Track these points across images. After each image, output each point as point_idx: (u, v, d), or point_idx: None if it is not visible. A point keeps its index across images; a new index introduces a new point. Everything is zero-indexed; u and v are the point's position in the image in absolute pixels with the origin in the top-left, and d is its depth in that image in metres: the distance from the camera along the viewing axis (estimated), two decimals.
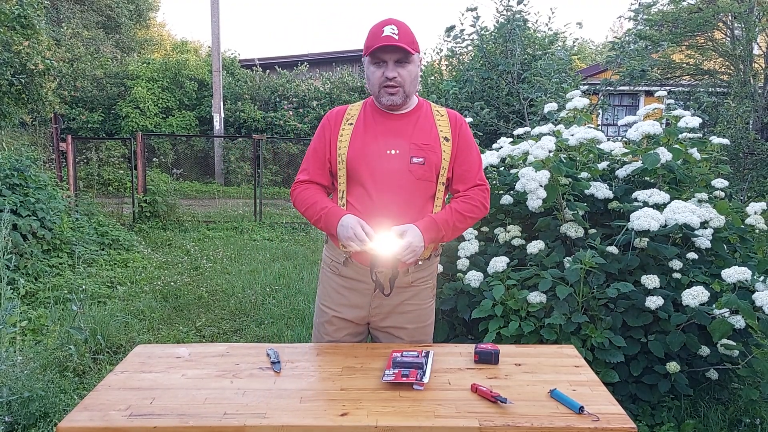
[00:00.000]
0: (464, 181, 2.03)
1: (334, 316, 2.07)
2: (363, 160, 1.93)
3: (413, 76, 1.93)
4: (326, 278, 2.12)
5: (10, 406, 2.78)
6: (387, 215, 1.91)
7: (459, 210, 1.98)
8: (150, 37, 22.87)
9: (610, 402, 1.59)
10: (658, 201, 2.81)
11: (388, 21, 1.90)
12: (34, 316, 4.28)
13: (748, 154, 7.68)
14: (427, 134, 1.97)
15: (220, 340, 4.22)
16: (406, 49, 1.86)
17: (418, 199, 1.95)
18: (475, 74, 7.66)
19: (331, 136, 2.01)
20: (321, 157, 2.03)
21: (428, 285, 2.10)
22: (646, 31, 9.17)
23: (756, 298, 2.34)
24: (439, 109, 2.08)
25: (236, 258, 6.84)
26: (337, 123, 2.02)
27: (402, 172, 1.92)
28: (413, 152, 1.94)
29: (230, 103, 14.84)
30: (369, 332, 2.15)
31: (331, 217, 1.93)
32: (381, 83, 1.91)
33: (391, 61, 1.89)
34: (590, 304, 2.72)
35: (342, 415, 1.50)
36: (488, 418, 1.48)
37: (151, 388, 1.65)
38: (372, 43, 1.88)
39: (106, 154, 11.46)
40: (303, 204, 2.02)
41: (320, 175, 2.04)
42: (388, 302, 2.03)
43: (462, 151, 2.01)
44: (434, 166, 1.95)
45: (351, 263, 2.02)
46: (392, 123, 1.98)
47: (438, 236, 1.95)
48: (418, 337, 2.09)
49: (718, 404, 2.91)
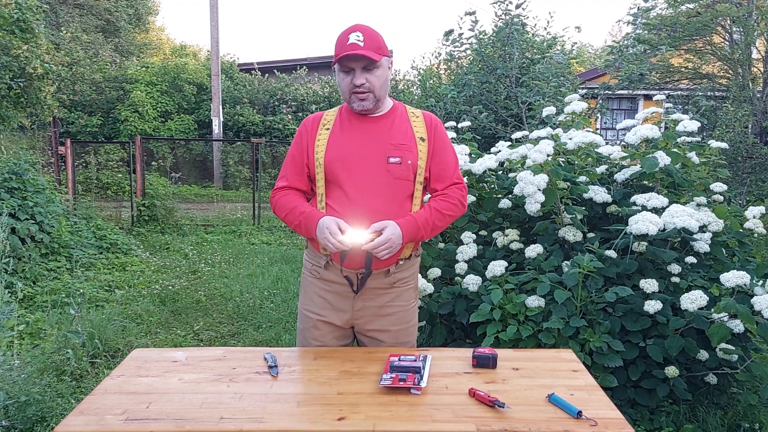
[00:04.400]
0: (442, 180, 2.05)
1: (319, 320, 2.06)
2: (340, 162, 1.95)
3: (382, 80, 1.95)
4: (308, 283, 2.11)
5: (7, 411, 2.77)
6: (366, 215, 1.91)
7: (438, 208, 2.00)
8: (149, 41, 22.89)
9: (609, 407, 1.58)
10: (657, 205, 2.81)
11: (354, 27, 1.92)
12: (31, 319, 4.27)
13: (747, 158, 7.68)
14: (403, 135, 2.00)
15: (218, 343, 4.21)
16: (371, 56, 1.88)
17: (396, 198, 1.97)
18: (473, 78, 7.67)
19: (308, 142, 2.03)
20: (299, 163, 2.04)
21: (410, 286, 2.10)
22: (645, 35, 9.19)
23: (755, 302, 2.34)
24: (414, 111, 2.11)
25: (234, 262, 6.83)
26: (314, 129, 2.04)
27: (380, 172, 1.94)
28: (390, 152, 1.96)
29: (229, 107, 14.85)
30: (354, 336, 2.14)
31: (310, 220, 1.94)
32: (350, 90, 1.95)
33: (359, 68, 1.91)
34: (588, 308, 2.71)
35: (339, 420, 1.49)
36: (486, 423, 1.48)
37: (147, 393, 1.64)
38: (338, 51, 1.91)
39: (104, 158, 11.46)
40: (283, 210, 2.03)
41: (299, 180, 2.05)
42: (370, 304, 2.03)
43: (438, 151, 2.04)
44: (411, 166, 1.97)
45: (332, 266, 2.02)
46: (368, 125, 2.01)
47: (417, 235, 1.97)
48: (402, 339, 2.09)
49: (717, 409, 2.90)
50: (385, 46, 1.95)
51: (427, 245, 3.31)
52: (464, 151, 3.53)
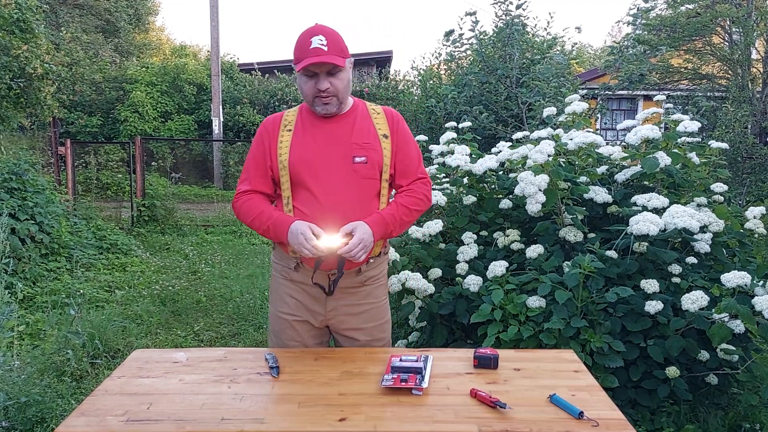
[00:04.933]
0: (406, 176, 2.06)
1: (295, 320, 2.05)
2: (305, 164, 1.94)
3: (345, 83, 1.94)
4: (279, 285, 2.09)
5: (7, 411, 2.76)
6: (335, 216, 1.91)
7: (405, 204, 2.01)
8: (149, 41, 22.90)
9: (610, 407, 1.58)
10: (657, 205, 2.81)
11: (315, 30, 1.89)
12: (31, 320, 4.27)
13: (747, 159, 7.68)
14: (366, 133, 1.99)
15: (219, 344, 4.21)
16: (336, 62, 1.86)
17: (364, 197, 1.96)
18: (473, 78, 7.66)
19: (270, 144, 2.00)
20: (261, 165, 2.01)
21: (381, 283, 2.11)
22: (645, 35, 9.19)
23: (755, 303, 2.33)
24: (374, 108, 2.09)
25: (235, 262, 6.83)
26: (275, 130, 2.02)
27: (346, 172, 1.94)
28: (355, 152, 1.95)
29: (229, 107, 14.84)
30: (331, 334, 2.14)
31: (280, 225, 1.91)
32: (314, 94, 1.92)
33: (323, 73, 1.89)
34: (589, 308, 2.71)
35: (340, 421, 1.49)
36: (487, 424, 1.48)
37: (148, 393, 1.64)
38: (301, 55, 1.87)
39: (104, 158, 11.45)
40: (248, 215, 1.99)
41: (262, 183, 2.02)
42: (342, 304, 2.03)
43: (401, 147, 2.04)
44: (377, 164, 1.97)
45: (302, 268, 2.01)
46: (330, 126, 1.99)
47: (387, 231, 1.97)
48: (377, 336, 2.09)
49: (718, 409, 2.90)
50: (346, 48, 1.93)
51: (427, 246, 3.31)
52: (465, 151, 3.53)
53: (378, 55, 17.71)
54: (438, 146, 3.77)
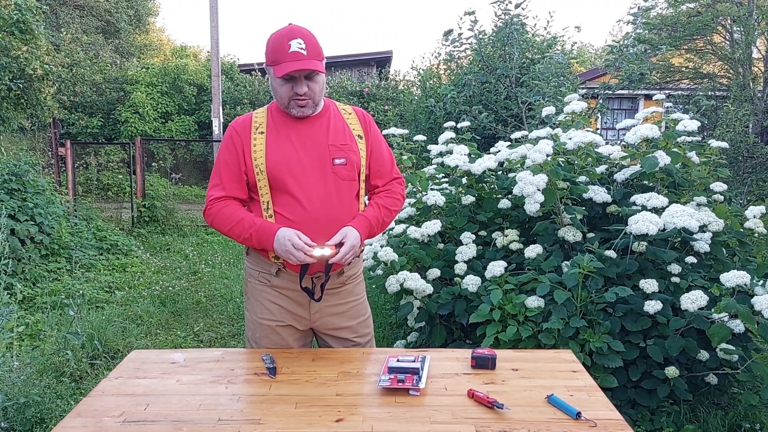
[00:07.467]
0: (382, 176, 2.07)
1: (278, 326, 2.02)
2: (284, 168, 1.89)
3: (321, 85, 1.91)
4: (257, 291, 2.03)
5: (6, 412, 2.76)
6: (320, 220, 1.89)
7: (385, 205, 2.03)
8: (149, 42, 22.88)
9: (608, 407, 1.58)
10: (657, 205, 2.80)
11: (293, 33, 1.83)
12: (31, 321, 4.27)
13: (748, 158, 7.66)
14: (342, 134, 1.97)
15: (218, 344, 4.21)
16: (318, 68, 1.84)
17: (346, 199, 1.95)
18: (473, 78, 7.65)
19: (243, 147, 1.93)
20: (235, 170, 1.93)
21: (359, 280, 2.14)
22: (645, 34, 9.17)
23: (755, 302, 2.33)
24: (345, 108, 2.08)
25: (235, 263, 6.83)
26: (246, 133, 1.94)
27: (327, 175, 1.91)
28: (334, 154, 1.93)
29: (229, 108, 14.83)
30: (314, 335, 2.13)
31: (264, 233, 1.85)
32: (290, 97, 1.88)
33: (301, 77, 1.85)
34: (588, 308, 2.71)
35: (337, 421, 1.49)
36: (485, 424, 1.47)
37: (145, 394, 1.64)
38: (279, 59, 1.82)
39: (105, 159, 11.45)
40: (226, 223, 1.91)
41: (237, 189, 1.95)
42: (326, 304, 2.02)
43: (375, 147, 2.05)
44: (355, 165, 1.96)
45: (284, 272, 1.97)
46: (305, 127, 1.95)
47: (371, 233, 1.98)
48: (362, 331, 2.11)
49: (718, 409, 2.89)
50: (322, 50, 1.89)
51: (426, 246, 3.31)
52: (463, 151, 3.53)
53: (378, 55, 17.71)
54: (437, 146, 3.76)
